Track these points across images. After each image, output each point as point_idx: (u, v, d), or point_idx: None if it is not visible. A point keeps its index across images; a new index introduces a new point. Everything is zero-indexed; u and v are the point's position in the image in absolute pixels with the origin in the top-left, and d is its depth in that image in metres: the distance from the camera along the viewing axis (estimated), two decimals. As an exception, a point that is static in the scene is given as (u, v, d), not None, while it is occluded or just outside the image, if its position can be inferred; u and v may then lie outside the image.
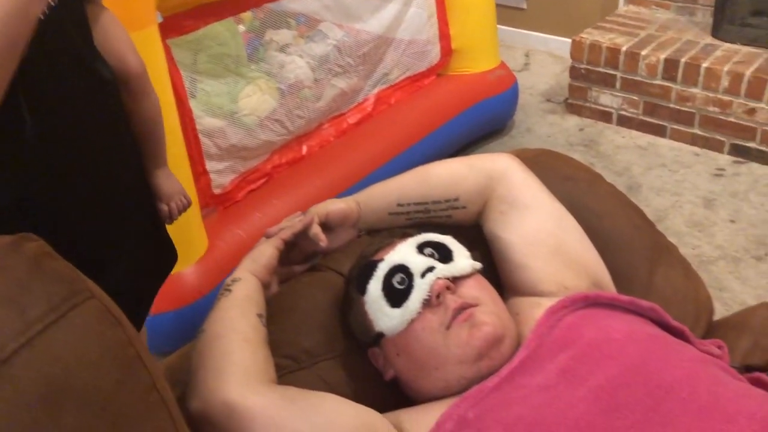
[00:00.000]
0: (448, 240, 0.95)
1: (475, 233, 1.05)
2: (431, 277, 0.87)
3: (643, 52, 2.62)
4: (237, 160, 1.94)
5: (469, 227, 1.07)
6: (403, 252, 0.91)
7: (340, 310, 0.97)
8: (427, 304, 0.86)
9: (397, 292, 0.87)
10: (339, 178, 2.07)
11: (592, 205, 1.11)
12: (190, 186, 1.71)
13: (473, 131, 2.62)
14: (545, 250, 0.99)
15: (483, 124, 2.65)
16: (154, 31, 1.54)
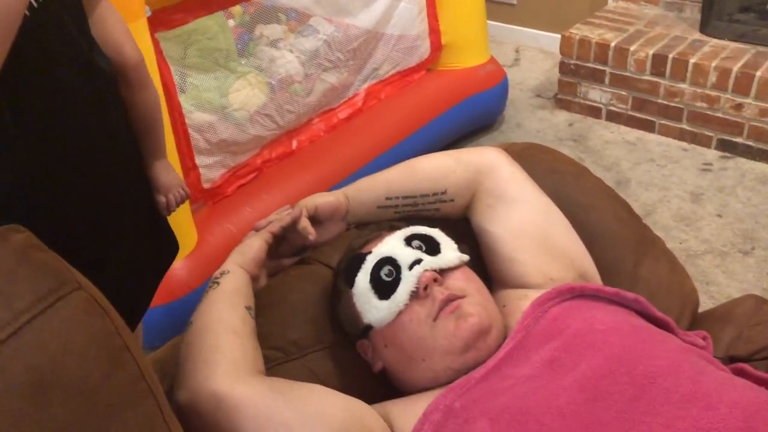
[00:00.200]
0: (436, 233, 0.95)
1: (462, 226, 1.06)
2: (419, 270, 0.87)
3: (632, 48, 2.64)
4: (227, 154, 1.93)
5: (457, 220, 1.07)
6: (391, 244, 0.92)
7: (329, 303, 0.98)
8: (414, 296, 0.87)
9: (384, 285, 0.88)
10: (329, 173, 2.08)
11: (578, 198, 1.12)
12: (180, 180, 1.70)
13: (463, 126, 2.63)
14: (532, 242, 1.00)
15: (473, 119, 2.66)
16: (142, 24, 1.53)
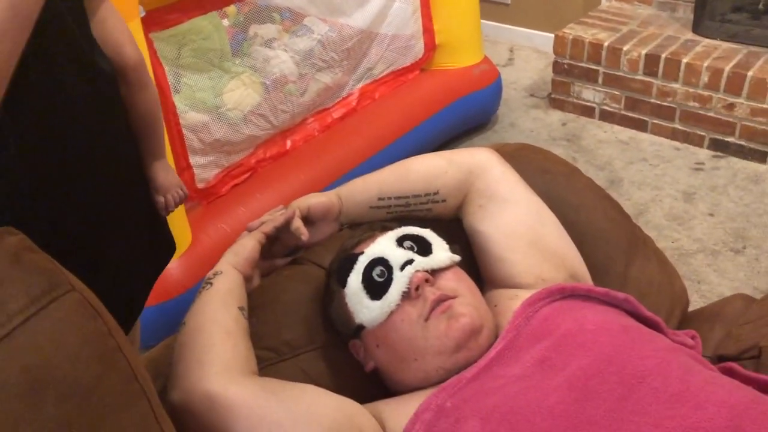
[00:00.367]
0: (428, 233, 0.96)
1: (454, 227, 1.07)
2: (410, 270, 0.88)
3: (625, 48, 2.65)
4: (221, 154, 1.94)
5: (449, 221, 1.08)
6: (383, 245, 0.92)
7: (321, 303, 0.98)
8: (406, 296, 0.87)
9: (376, 285, 0.89)
10: (323, 173, 2.08)
11: (569, 199, 1.13)
12: (174, 180, 1.71)
13: (457, 126, 2.64)
14: (523, 243, 1.01)
15: (467, 118, 2.67)
16: (136, 24, 1.54)
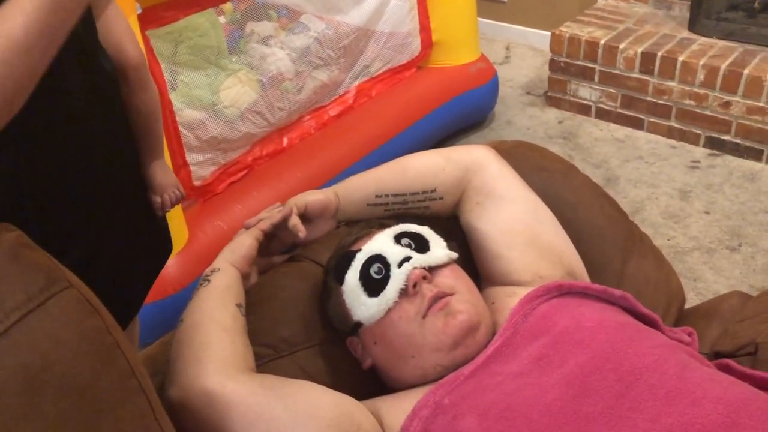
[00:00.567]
0: (425, 230, 0.96)
1: (452, 224, 1.07)
2: (408, 267, 0.88)
3: (621, 46, 2.65)
4: (217, 152, 1.94)
5: (446, 218, 1.08)
6: (381, 242, 0.92)
7: (319, 300, 0.98)
8: (403, 293, 0.87)
9: (374, 282, 0.89)
10: (320, 171, 2.08)
11: (566, 196, 1.13)
12: (170, 178, 1.70)
13: (453, 124, 2.64)
14: (520, 240, 1.01)
15: (463, 116, 2.67)
16: (133, 22, 1.53)
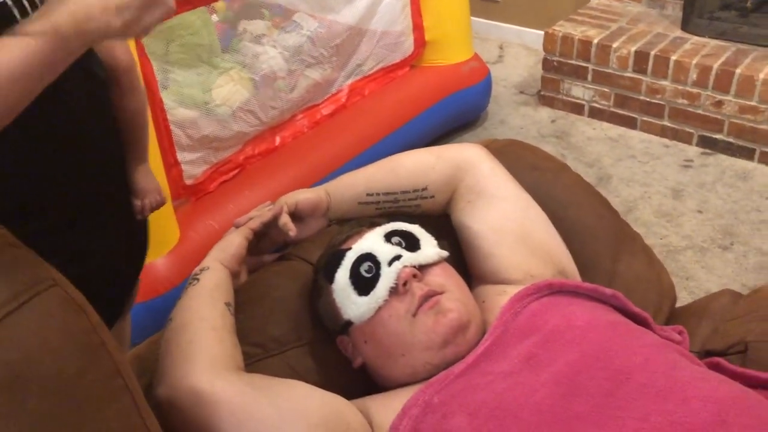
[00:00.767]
0: (416, 229, 0.96)
1: (443, 222, 1.07)
2: (398, 266, 0.88)
3: (614, 45, 2.65)
4: (209, 151, 1.93)
5: (438, 216, 1.08)
6: (371, 241, 0.92)
7: (309, 299, 0.98)
8: (393, 291, 0.87)
9: (364, 281, 0.88)
10: (312, 170, 2.08)
11: (557, 195, 1.13)
12: (162, 177, 1.70)
13: (446, 123, 2.64)
14: (511, 238, 1.01)
15: (456, 115, 2.67)
16: (123, 20, 1.53)
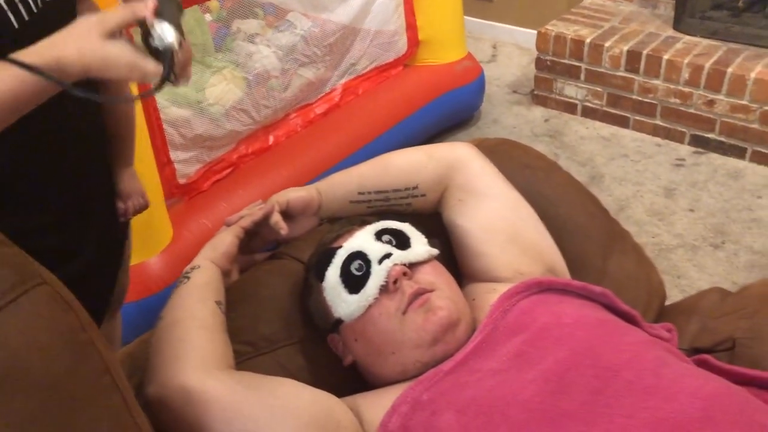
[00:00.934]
0: (406, 227, 0.96)
1: (434, 221, 1.07)
2: (388, 264, 0.88)
3: (607, 44, 2.66)
4: (202, 149, 1.93)
5: (428, 215, 1.08)
6: (362, 239, 0.92)
7: (300, 297, 0.98)
8: (384, 289, 0.87)
9: (354, 279, 0.89)
10: (306, 169, 2.08)
11: (548, 193, 1.13)
12: (155, 176, 1.70)
13: (440, 122, 2.64)
14: (502, 237, 1.02)
15: (450, 115, 2.67)
16: (115, 19, 1.52)
